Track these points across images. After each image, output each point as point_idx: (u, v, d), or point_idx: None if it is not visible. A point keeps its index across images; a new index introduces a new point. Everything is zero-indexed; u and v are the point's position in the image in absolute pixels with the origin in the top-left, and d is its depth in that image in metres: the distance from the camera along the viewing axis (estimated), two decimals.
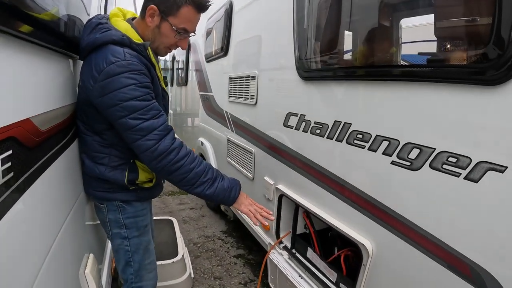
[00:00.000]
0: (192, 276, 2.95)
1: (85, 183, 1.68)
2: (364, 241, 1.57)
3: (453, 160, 1.14)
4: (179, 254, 2.80)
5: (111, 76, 1.32)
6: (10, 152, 0.85)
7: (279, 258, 2.29)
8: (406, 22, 1.46)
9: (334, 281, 1.87)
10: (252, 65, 2.73)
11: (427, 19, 1.37)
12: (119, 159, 1.58)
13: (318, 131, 1.81)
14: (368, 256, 1.55)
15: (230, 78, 3.24)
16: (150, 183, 1.70)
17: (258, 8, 2.65)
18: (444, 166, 1.17)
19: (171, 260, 2.70)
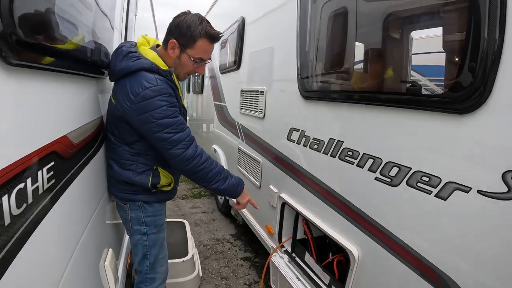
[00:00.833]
0: (200, 275, 3.16)
1: (111, 186, 1.95)
2: (352, 248, 1.74)
3: (426, 179, 1.31)
4: (189, 254, 3.00)
5: (147, 99, 1.60)
6: (53, 163, 1.08)
7: (280, 261, 2.47)
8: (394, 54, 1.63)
9: (327, 284, 2.05)
10: (261, 81, 2.95)
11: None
12: (145, 166, 1.85)
13: (316, 147, 1.99)
14: (355, 261, 1.72)
15: (242, 91, 3.46)
16: (169, 187, 1.97)
17: (267, 31, 2.87)
18: (418, 184, 1.34)
19: (182, 259, 2.92)
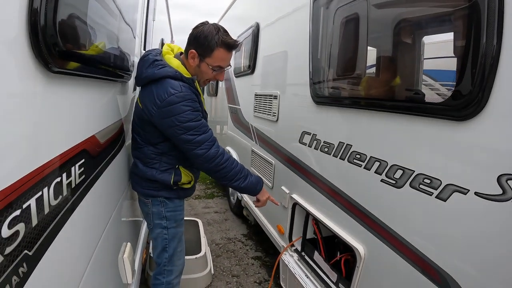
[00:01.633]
0: (212, 273, 3.26)
1: (135, 182, 2.10)
2: (358, 246, 1.82)
3: (428, 181, 1.38)
4: (202, 252, 3.11)
5: (172, 104, 1.73)
6: (83, 161, 1.19)
7: (290, 260, 2.56)
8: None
9: (335, 281, 2.13)
10: (275, 86, 3.05)
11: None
12: (168, 165, 1.99)
13: (326, 149, 2.08)
14: (361, 259, 1.80)
15: (256, 95, 3.56)
16: (189, 185, 2.11)
17: (281, 37, 2.96)
18: (421, 186, 1.41)
19: (194, 256, 3.03)
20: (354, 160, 1.82)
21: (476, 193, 1.19)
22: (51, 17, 0.84)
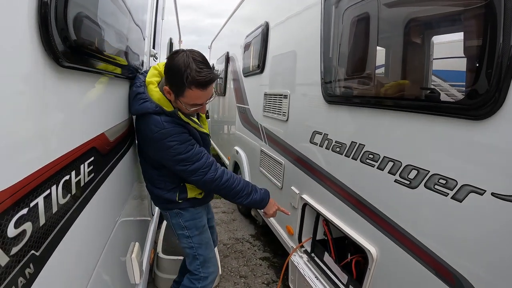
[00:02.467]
0: (220, 273, 3.24)
1: (152, 198, 2.16)
2: (370, 247, 1.79)
3: (443, 182, 1.35)
4: None
5: (158, 141, 1.74)
6: (93, 158, 1.17)
7: (299, 261, 2.53)
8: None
9: (345, 283, 2.09)
10: (285, 85, 3.01)
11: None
12: (172, 184, 2.02)
13: (338, 149, 2.04)
14: (373, 261, 1.77)
15: (266, 94, 3.53)
16: (200, 195, 2.10)
17: (291, 36, 2.93)
18: (436, 186, 1.38)
19: None
20: (367, 160, 1.78)
21: (493, 194, 1.16)
22: (62, 11, 0.82)
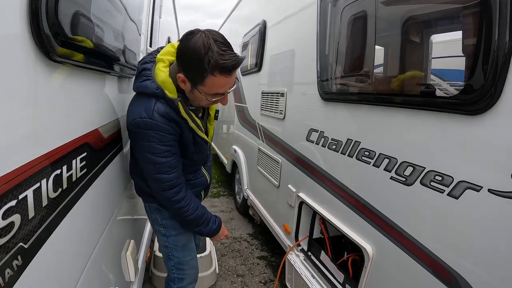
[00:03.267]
0: (217, 272, 3.23)
1: (134, 186, 1.98)
2: (366, 245, 1.78)
3: (439, 178, 1.33)
4: (207, 251, 3.08)
5: (139, 128, 1.49)
6: (85, 154, 1.16)
7: (296, 259, 2.52)
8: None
9: (341, 282, 2.09)
10: (282, 83, 3.01)
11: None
12: None
13: (334, 147, 2.04)
14: (369, 259, 1.76)
15: (263, 93, 3.53)
16: None
17: (288, 34, 2.92)
18: (432, 183, 1.37)
19: (199, 255, 2.97)
20: (363, 158, 1.78)
21: (490, 190, 1.14)
22: (53, 5, 0.82)
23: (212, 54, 1.35)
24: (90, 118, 1.28)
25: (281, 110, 2.93)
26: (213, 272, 3.10)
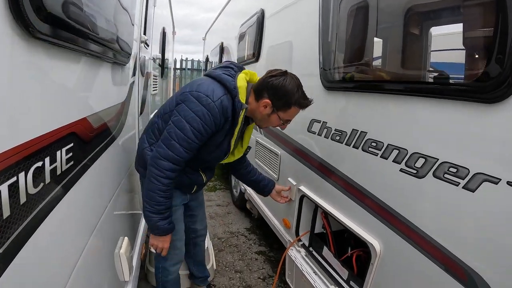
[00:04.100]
0: (214, 268, 3.15)
1: (137, 158, 2.01)
2: (373, 241, 1.69)
3: (454, 170, 1.25)
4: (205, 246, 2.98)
5: (198, 101, 1.65)
6: (72, 145, 1.06)
7: (297, 255, 2.43)
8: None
9: (345, 279, 2.00)
10: None
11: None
12: None
13: (338, 138, 1.94)
14: (376, 256, 1.67)
15: None
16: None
17: (288, 24, 2.82)
18: (446, 175, 1.28)
19: None
20: (369, 149, 1.68)
21: (509, 183, 1.06)
22: None
23: (300, 94, 1.78)
24: (78, 106, 1.17)
25: None
26: (211, 268, 3.01)
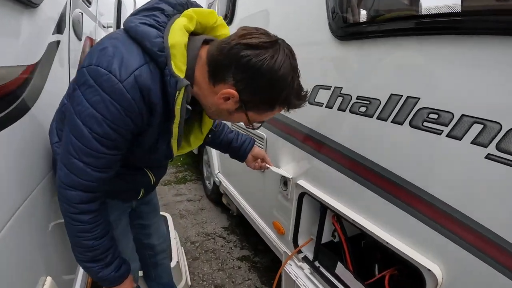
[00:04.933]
0: (189, 284, 2.51)
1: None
2: (430, 264, 1.12)
3: None
4: (174, 260, 2.34)
5: (93, 83, 0.92)
6: None
7: (298, 272, 1.82)
8: None
9: None
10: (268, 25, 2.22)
11: None
12: None
13: (364, 109, 1.32)
14: (437, 285, 1.10)
15: None
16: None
17: None
18: None
19: None
20: (425, 124, 1.08)
21: None
22: None
23: (292, 91, 1.02)
24: None
25: None
26: (184, 287, 2.38)
